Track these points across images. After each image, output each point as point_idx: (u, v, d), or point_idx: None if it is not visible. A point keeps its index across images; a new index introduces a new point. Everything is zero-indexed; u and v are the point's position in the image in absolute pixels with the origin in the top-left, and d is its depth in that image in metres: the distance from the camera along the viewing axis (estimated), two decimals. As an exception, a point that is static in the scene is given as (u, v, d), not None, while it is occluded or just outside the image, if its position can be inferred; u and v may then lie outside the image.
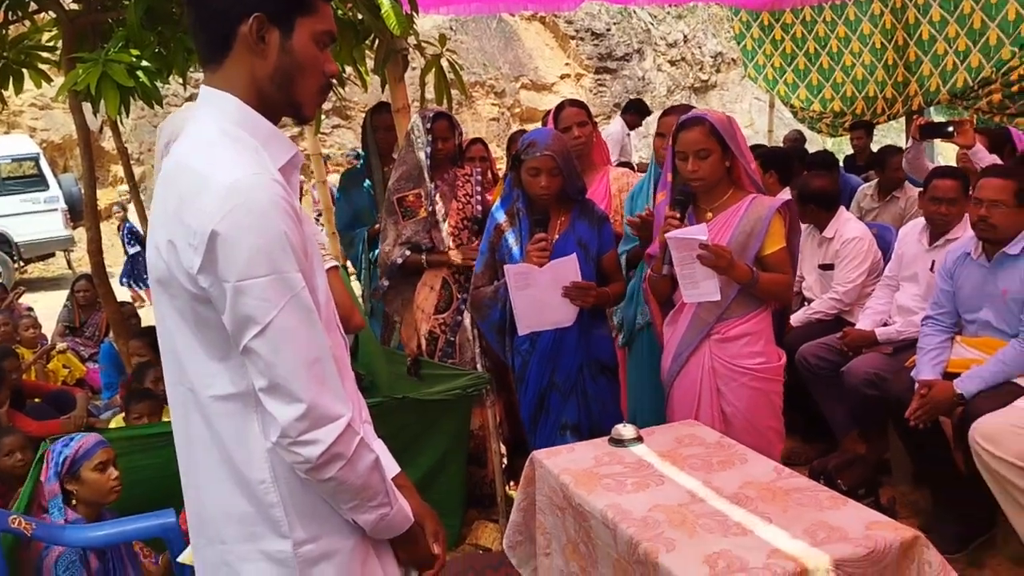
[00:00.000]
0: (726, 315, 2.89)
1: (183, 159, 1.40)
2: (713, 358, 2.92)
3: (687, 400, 2.97)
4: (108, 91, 3.57)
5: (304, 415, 1.34)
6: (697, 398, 2.95)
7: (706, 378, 2.93)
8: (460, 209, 3.95)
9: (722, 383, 2.92)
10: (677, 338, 2.99)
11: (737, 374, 2.90)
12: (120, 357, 5.52)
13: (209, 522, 1.50)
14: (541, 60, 16.86)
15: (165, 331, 1.46)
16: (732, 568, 1.83)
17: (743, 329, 2.90)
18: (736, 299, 2.88)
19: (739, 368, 2.89)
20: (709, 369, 2.93)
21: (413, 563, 1.63)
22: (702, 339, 2.93)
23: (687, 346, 2.96)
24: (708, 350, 2.93)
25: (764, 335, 2.92)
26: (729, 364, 2.90)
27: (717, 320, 2.90)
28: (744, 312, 2.89)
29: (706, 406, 2.93)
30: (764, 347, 2.92)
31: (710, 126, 2.80)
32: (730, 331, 2.90)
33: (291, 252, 1.35)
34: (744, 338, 2.90)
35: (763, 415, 2.94)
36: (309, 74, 1.49)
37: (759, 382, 2.91)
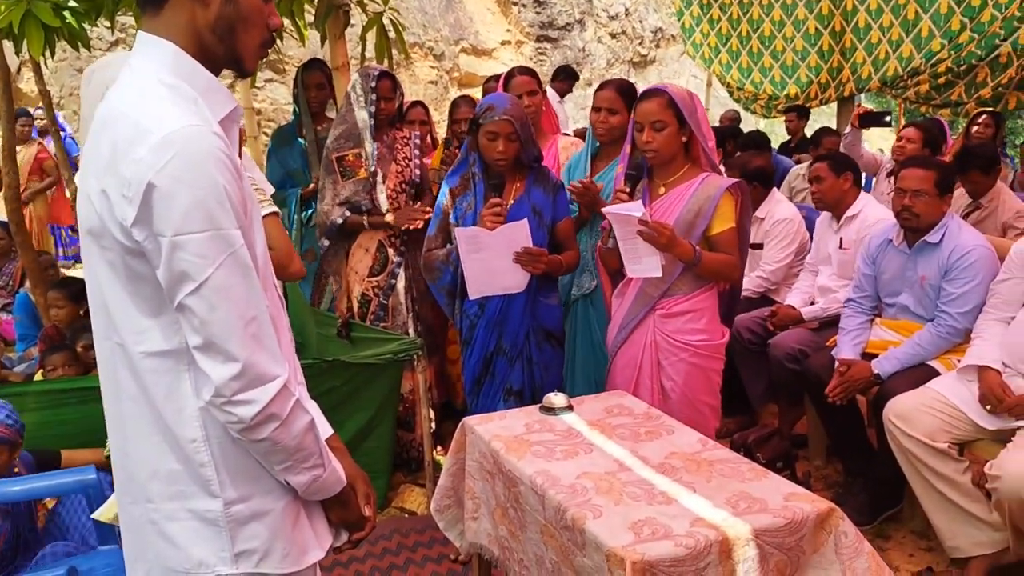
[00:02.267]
0: (671, 291, 2.92)
1: (117, 106, 1.34)
2: (656, 332, 2.96)
3: (628, 371, 3.01)
4: (32, 30, 3.42)
5: (239, 374, 1.31)
6: (638, 370, 2.99)
7: (648, 351, 2.97)
8: (399, 172, 3.91)
9: (663, 357, 2.96)
10: (624, 310, 3.03)
11: (678, 349, 2.93)
12: (36, 308, 5.33)
13: (135, 480, 1.46)
14: (482, 25, 16.67)
15: (95, 284, 1.42)
16: (656, 535, 1.87)
17: (687, 306, 2.93)
18: (681, 276, 2.90)
19: (680, 344, 2.93)
20: (651, 343, 2.96)
21: (344, 525, 1.62)
22: (647, 313, 2.96)
23: (632, 318, 2.99)
24: (652, 324, 2.96)
25: (708, 313, 2.96)
26: (671, 339, 2.94)
27: (662, 296, 2.93)
28: (689, 289, 2.92)
29: (646, 378, 2.98)
30: (707, 324, 2.95)
31: (669, 99, 2.81)
32: (674, 307, 2.93)
33: (230, 208, 1.31)
34: (687, 315, 2.93)
35: (701, 391, 2.99)
36: (252, 26, 1.44)
37: (699, 358, 2.94)
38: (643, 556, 1.79)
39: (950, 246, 3.25)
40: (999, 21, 6.16)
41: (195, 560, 1.44)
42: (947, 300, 3.23)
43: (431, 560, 3.23)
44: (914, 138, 4.96)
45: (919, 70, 6.85)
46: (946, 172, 3.36)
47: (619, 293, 3.07)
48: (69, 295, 4.39)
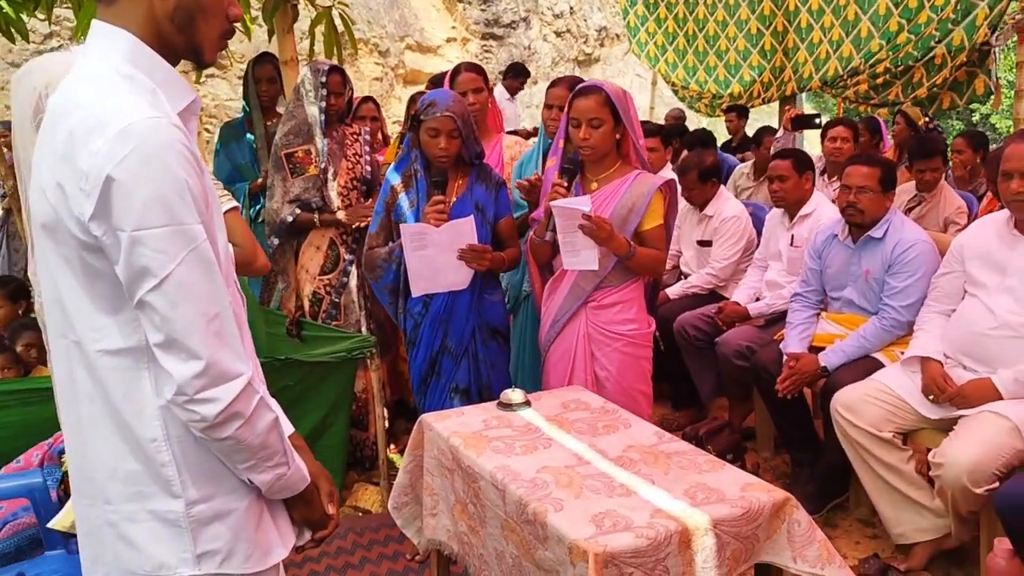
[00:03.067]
0: (603, 284, 3.00)
1: (72, 96, 1.30)
2: (588, 324, 3.03)
3: (562, 364, 3.07)
4: (-33, 21, 3.30)
5: (202, 372, 1.29)
6: (572, 362, 3.05)
7: (581, 343, 3.03)
8: (350, 168, 3.87)
9: (596, 348, 3.03)
10: (556, 305, 3.07)
11: (610, 339, 3.01)
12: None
13: (93, 481, 1.42)
14: (427, 21, 16.58)
15: (49, 280, 1.37)
16: (618, 527, 1.89)
17: (617, 297, 3.01)
18: (613, 269, 2.98)
19: (612, 334, 3.01)
20: (584, 335, 3.03)
21: (307, 523, 1.60)
22: (579, 306, 3.02)
23: (564, 312, 3.04)
24: (584, 316, 3.03)
25: (636, 303, 3.05)
26: (603, 330, 3.01)
27: (595, 288, 3.00)
28: (619, 282, 3.00)
29: (580, 370, 3.04)
30: (636, 315, 3.04)
31: (606, 96, 2.85)
32: (605, 299, 3.01)
33: (191, 201, 1.29)
34: (618, 306, 3.01)
35: (634, 379, 3.07)
36: (212, 16, 1.41)
37: (631, 347, 3.03)
38: (605, 548, 1.81)
39: (893, 241, 3.34)
40: (935, 23, 6.35)
41: (156, 562, 1.41)
42: (890, 294, 3.32)
43: (387, 558, 3.21)
44: (846, 135, 5.09)
45: (858, 70, 7.02)
46: (889, 169, 3.46)
47: (550, 290, 3.11)
48: (7, 294, 4.26)
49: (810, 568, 2.03)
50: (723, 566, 1.94)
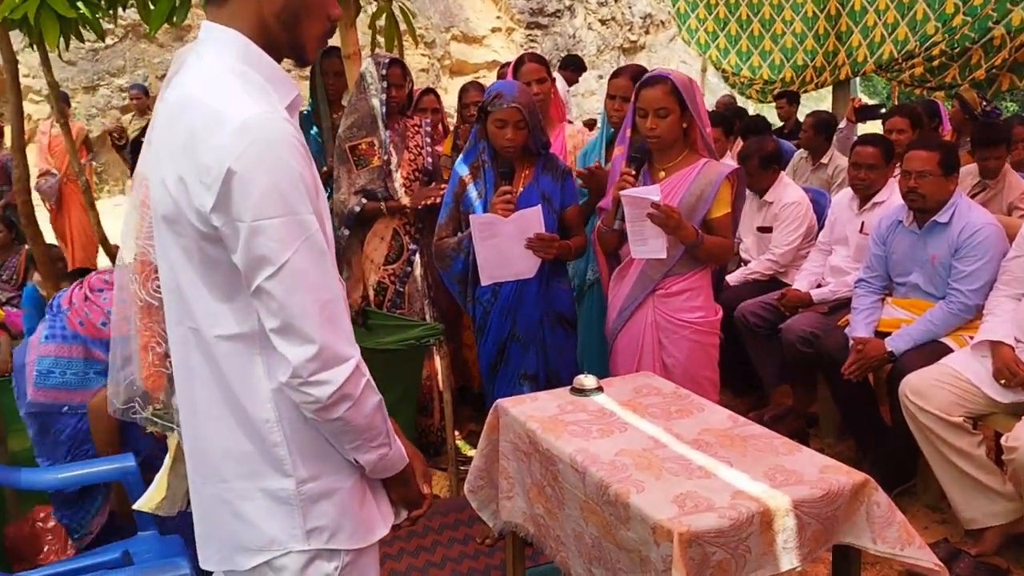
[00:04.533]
0: (670, 272, 3.00)
1: (192, 93, 1.37)
2: (656, 312, 3.04)
3: (630, 352, 3.09)
4: (48, 22, 3.42)
5: (315, 356, 1.35)
6: (639, 350, 3.07)
7: (649, 331, 3.05)
8: (411, 160, 3.93)
9: (664, 336, 3.04)
10: (623, 294, 3.09)
11: (678, 327, 3.02)
12: (44, 301, 5.33)
13: (208, 460, 1.50)
14: (472, 12, 16.62)
15: (168, 269, 1.45)
16: (699, 507, 1.92)
17: (684, 285, 3.02)
18: (680, 258, 2.98)
19: (680, 322, 3.02)
20: (652, 323, 3.04)
21: (404, 502, 1.67)
22: (647, 295, 3.03)
23: (632, 301, 3.06)
24: (652, 305, 3.04)
25: (703, 291, 3.05)
26: (671, 318, 3.02)
27: (662, 277, 3.01)
28: (686, 270, 3.01)
29: (647, 357, 3.05)
30: (703, 303, 3.05)
31: (672, 85, 2.86)
32: (673, 287, 3.02)
33: (304, 193, 1.35)
34: (685, 294, 3.02)
35: (701, 366, 3.08)
36: (315, 15, 1.47)
37: (698, 335, 3.04)
38: (689, 527, 1.84)
39: (960, 225, 3.31)
40: (992, 3, 6.22)
41: (267, 537, 1.48)
42: (958, 278, 3.29)
43: (457, 541, 3.28)
44: (903, 127, 5.00)
45: (914, 53, 6.91)
46: (950, 152, 3.42)
47: (617, 277, 3.13)
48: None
49: (890, 549, 2.05)
50: (804, 547, 1.97)
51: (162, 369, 1.87)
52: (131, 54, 14.19)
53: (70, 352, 2.60)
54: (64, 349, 2.60)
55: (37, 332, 2.69)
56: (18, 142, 4.37)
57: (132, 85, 8.27)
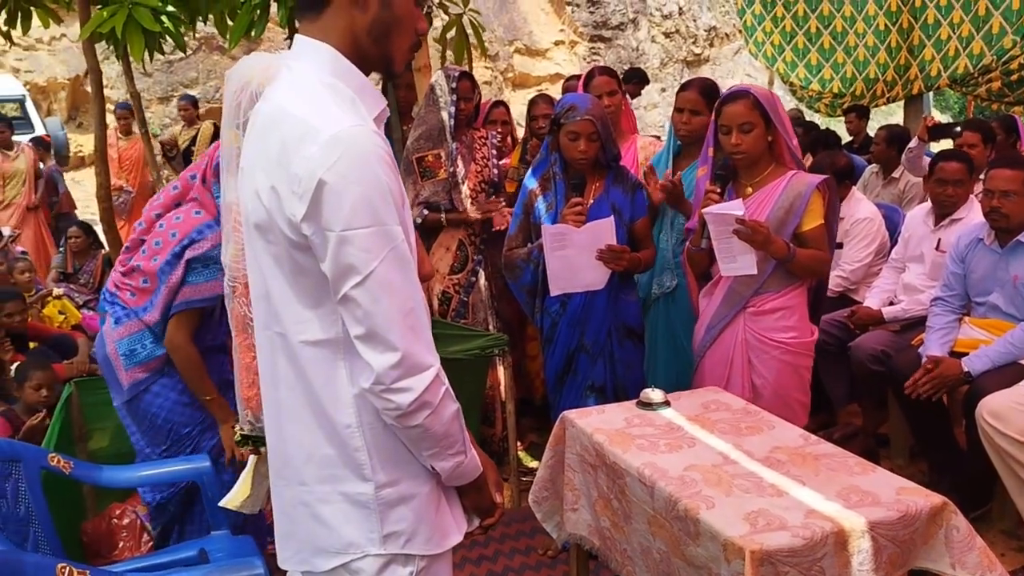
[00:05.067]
0: (762, 289, 2.93)
1: (284, 105, 1.41)
2: (746, 331, 2.96)
3: (718, 370, 3.02)
4: (133, 35, 3.55)
5: (398, 363, 1.37)
6: (728, 369, 2.99)
7: (738, 350, 2.98)
8: (478, 172, 3.97)
9: (754, 355, 2.97)
10: (712, 310, 3.03)
11: (769, 347, 2.94)
12: (120, 305, 5.50)
13: (290, 463, 1.54)
14: (536, 24, 16.72)
15: (258, 276, 1.49)
16: (772, 526, 1.90)
17: (778, 303, 2.94)
18: (772, 274, 2.91)
19: (771, 341, 2.94)
20: (742, 341, 2.97)
21: (477, 511, 1.68)
22: (737, 312, 2.97)
23: (721, 318, 3.00)
24: (742, 323, 2.97)
25: (798, 310, 2.96)
26: (762, 337, 2.94)
27: (753, 294, 2.94)
28: (780, 287, 2.93)
29: (736, 377, 2.98)
30: (797, 322, 2.96)
31: (754, 99, 2.82)
32: (765, 305, 2.94)
33: (392, 204, 1.38)
34: (778, 312, 2.94)
35: (792, 388, 2.99)
36: (404, 29, 1.51)
37: (790, 356, 2.95)
38: (761, 545, 1.82)
39: (1045, 245, 3.22)
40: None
41: (345, 541, 1.50)
42: (1041, 299, 3.20)
43: (519, 552, 3.29)
44: (975, 142, 4.85)
45: (990, 67, 6.75)
46: (1035, 170, 3.32)
47: (706, 293, 3.09)
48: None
49: (969, 575, 1.99)
50: (880, 570, 1.93)
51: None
52: (204, 66, 14.62)
53: (140, 327, 2.69)
54: (134, 325, 2.69)
55: (106, 323, 2.79)
56: (101, 150, 4.53)
57: (182, 96, 8.45)
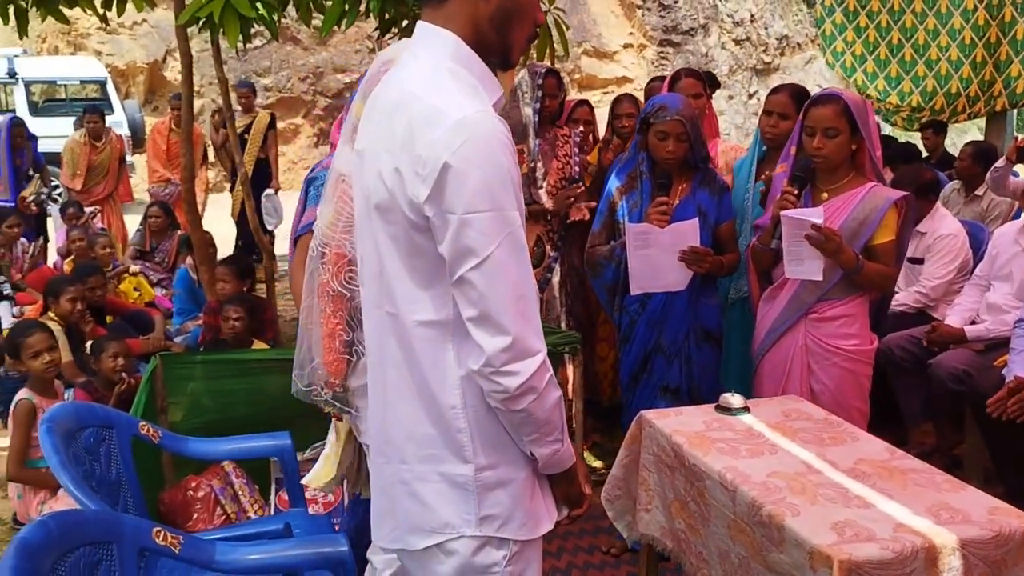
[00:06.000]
0: (825, 296, 2.91)
1: (412, 89, 1.44)
2: (807, 336, 2.95)
3: (776, 374, 3.01)
4: (230, 20, 3.63)
5: (509, 347, 1.39)
6: (786, 373, 2.98)
7: (798, 355, 2.96)
8: (560, 169, 3.98)
9: (814, 361, 2.95)
10: (774, 314, 3.02)
11: (830, 354, 2.92)
12: (194, 284, 5.65)
13: (392, 441, 1.57)
14: (605, 27, 16.67)
15: (374, 255, 1.52)
16: (860, 537, 1.88)
17: (840, 311, 2.92)
18: (837, 282, 2.89)
19: (833, 348, 2.92)
20: (802, 347, 2.96)
21: (566, 500, 1.69)
22: (799, 318, 2.95)
23: (782, 323, 2.98)
24: (803, 328, 2.95)
25: (860, 319, 2.95)
26: (823, 343, 2.93)
27: (816, 300, 2.92)
28: (844, 295, 2.91)
29: (795, 382, 2.97)
30: (859, 330, 2.94)
31: (844, 105, 2.79)
32: (828, 312, 2.92)
33: (512, 190, 1.40)
34: (840, 319, 2.92)
35: (851, 396, 2.96)
36: (525, 19, 1.53)
37: (851, 363, 2.93)
38: (850, 556, 1.80)
39: None
40: None
41: (442, 521, 1.53)
42: None
43: (582, 550, 3.29)
44: None
45: (1081, 87, 6.54)
46: None
47: (768, 297, 3.07)
48: (235, 272, 4.64)
49: (1062, 602, 1.94)
50: (970, 589, 1.89)
51: (345, 356, 1.96)
52: (277, 56, 14.88)
53: None
54: None
55: None
56: (187, 131, 4.64)
57: (239, 83, 8.45)
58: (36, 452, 3.41)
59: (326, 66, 15.03)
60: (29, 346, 3.50)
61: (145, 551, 1.85)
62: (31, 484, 3.41)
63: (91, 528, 1.75)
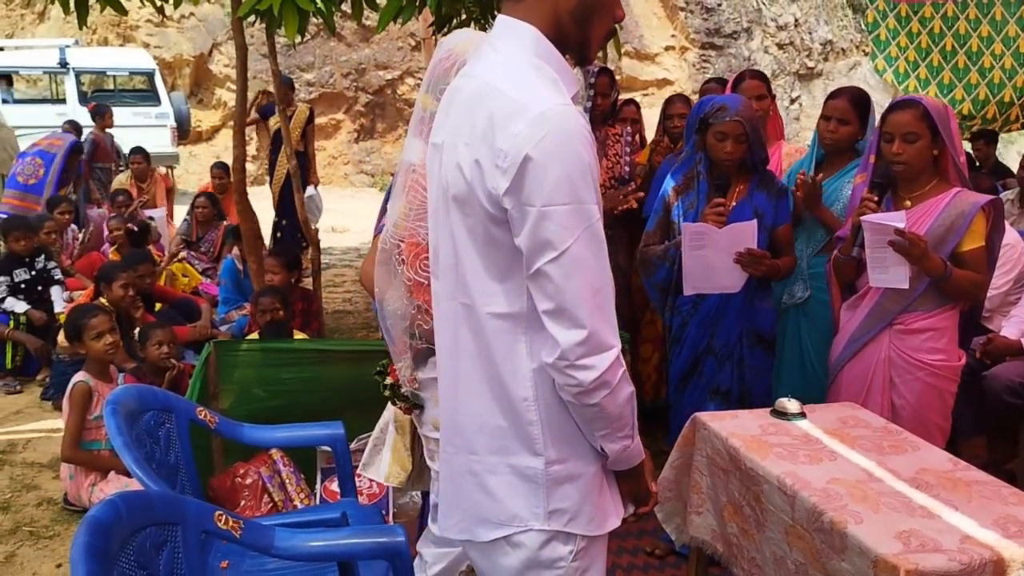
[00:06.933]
0: (912, 307, 2.82)
1: (493, 82, 1.44)
2: (891, 348, 2.86)
3: (857, 386, 2.92)
4: (289, 13, 3.66)
5: (584, 340, 1.39)
6: (867, 386, 2.90)
7: (880, 367, 2.88)
8: (610, 168, 3.97)
9: (896, 375, 2.86)
10: (855, 324, 2.93)
11: (914, 368, 2.83)
12: (239, 275, 5.71)
13: (462, 432, 1.57)
14: (647, 29, 16.60)
15: (449, 247, 1.52)
16: (926, 547, 1.84)
17: (928, 324, 2.82)
18: (924, 292, 2.79)
19: (917, 362, 2.83)
20: (885, 359, 2.87)
21: (633, 497, 1.67)
22: (882, 328, 2.86)
23: (865, 333, 2.90)
24: (887, 340, 2.86)
25: (948, 333, 2.85)
26: (908, 356, 2.83)
27: (902, 311, 2.84)
28: (932, 307, 2.81)
29: (876, 395, 2.89)
30: (946, 345, 2.84)
31: (924, 110, 2.73)
32: (914, 323, 2.83)
33: (592, 183, 1.39)
34: (927, 333, 2.82)
35: (933, 412, 2.88)
36: (605, 14, 1.52)
37: (935, 379, 2.84)
38: (917, 566, 1.77)
39: None
40: None
41: (510, 513, 1.52)
42: None
43: (627, 551, 3.27)
44: None
45: None
46: None
47: (850, 306, 2.99)
48: (284, 263, 4.68)
49: None
50: (1038, 604, 1.85)
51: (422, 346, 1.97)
52: (320, 51, 15.00)
53: None
54: None
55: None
56: (239, 123, 4.69)
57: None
58: (89, 434, 3.47)
59: (368, 63, 15.13)
60: (92, 327, 3.56)
61: (206, 533, 1.87)
62: (84, 465, 3.46)
63: (157, 509, 1.77)
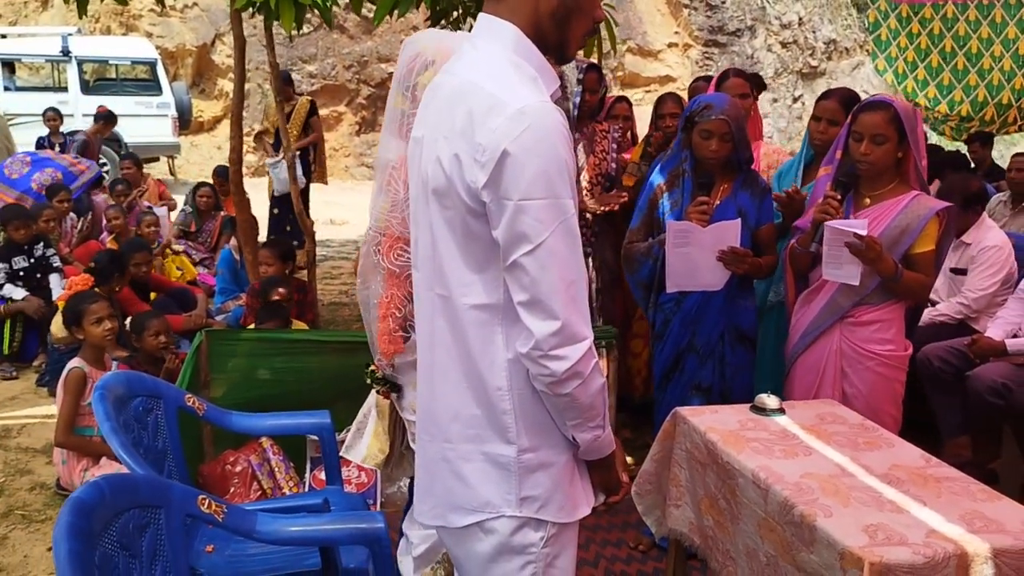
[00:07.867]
0: (862, 301, 2.92)
1: (473, 79, 1.48)
2: (842, 340, 2.96)
3: (809, 377, 3.02)
4: (285, 6, 3.69)
5: (558, 331, 1.43)
6: (820, 376, 3.00)
7: (832, 359, 2.98)
8: (597, 164, 4.00)
9: (848, 365, 2.96)
10: (809, 318, 3.02)
11: (864, 358, 2.93)
12: (236, 265, 5.75)
13: (437, 421, 1.61)
14: (651, 26, 16.61)
15: (428, 239, 1.56)
16: (892, 540, 1.88)
17: (876, 316, 2.93)
18: (874, 289, 2.90)
19: (867, 352, 2.93)
20: (836, 351, 2.97)
21: (603, 487, 1.71)
22: (834, 322, 2.96)
23: (817, 326, 2.99)
24: (838, 332, 2.96)
25: (896, 324, 2.96)
26: (858, 348, 2.94)
27: (853, 305, 2.93)
28: (880, 300, 2.92)
29: (827, 385, 2.98)
30: (894, 335, 2.95)
31: (894, 112, 2.79)
32: (863, 316, 2.94)
33: (567, 179, 1.43)
34: (876, 324, 2.93)
35: (883, 401, 2.97)
36: (584, 15, 1.56)
37: (885, 368, 2.94)
38: (881, 558, 1.81)
39: None
40: None
41: (483, 500, 1.57)
42: None
43: (610, 544, 3.32)
44: None
45: None
46: None
47: (804, 300, 3.07)
48: (278, 254, 4.72)
49: (1095, 617, 1.93)
50: (1001, 598, 1.89)
51: (400, 332, 2.02)
52: (323, 43, 15.03)
53: None
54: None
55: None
56: (236, 115, 4.73)
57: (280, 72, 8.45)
58: (83, 420, 3.51)
59: (371, 55, 15.15)
60: (93, 312, 3.60)
61: (190, 517, 1.92)
62: (77, 450, 3.51)
63: (141, 492, 1.82)
